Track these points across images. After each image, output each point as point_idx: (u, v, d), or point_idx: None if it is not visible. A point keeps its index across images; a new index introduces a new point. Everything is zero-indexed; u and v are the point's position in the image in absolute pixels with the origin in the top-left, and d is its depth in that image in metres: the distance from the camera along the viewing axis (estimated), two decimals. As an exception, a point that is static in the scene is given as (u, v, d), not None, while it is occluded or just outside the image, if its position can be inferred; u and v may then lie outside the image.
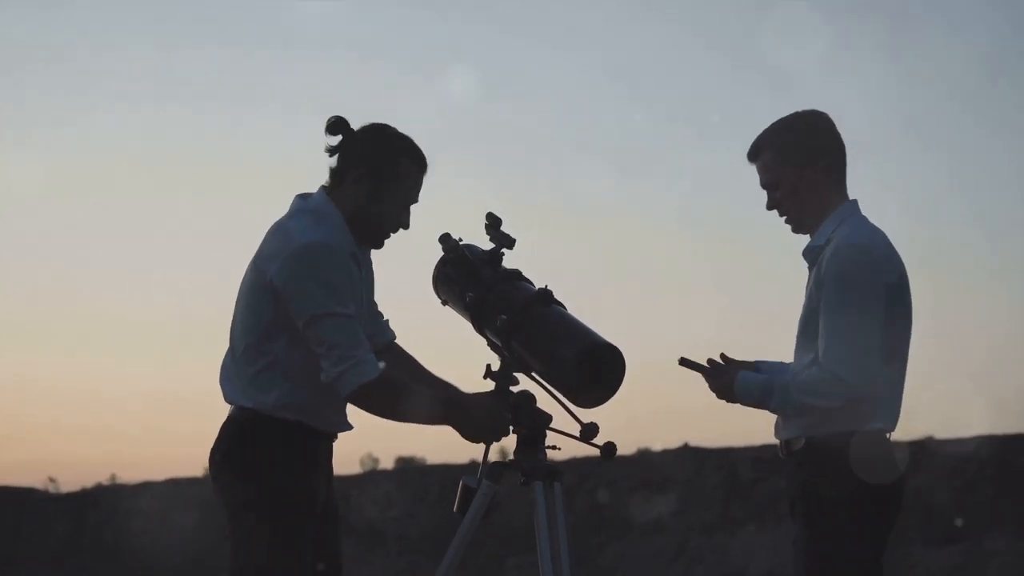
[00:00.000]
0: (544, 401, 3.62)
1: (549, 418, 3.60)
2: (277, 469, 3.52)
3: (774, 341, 3.82)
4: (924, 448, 12.42)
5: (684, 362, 3.67)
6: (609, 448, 3.56)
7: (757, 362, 3.76)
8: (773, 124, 3.68)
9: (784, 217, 3.71)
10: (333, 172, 3.65)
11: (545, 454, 3.60)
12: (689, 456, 14.45)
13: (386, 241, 3.70)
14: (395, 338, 3.92)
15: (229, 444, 3.57)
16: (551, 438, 3.61)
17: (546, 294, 3.61)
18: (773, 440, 3.72)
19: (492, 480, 3.58)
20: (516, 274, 3.69)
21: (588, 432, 3.55)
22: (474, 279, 3.65)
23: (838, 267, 3.49)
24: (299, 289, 3.47)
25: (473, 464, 3.70)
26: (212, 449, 3.59)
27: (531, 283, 3.69)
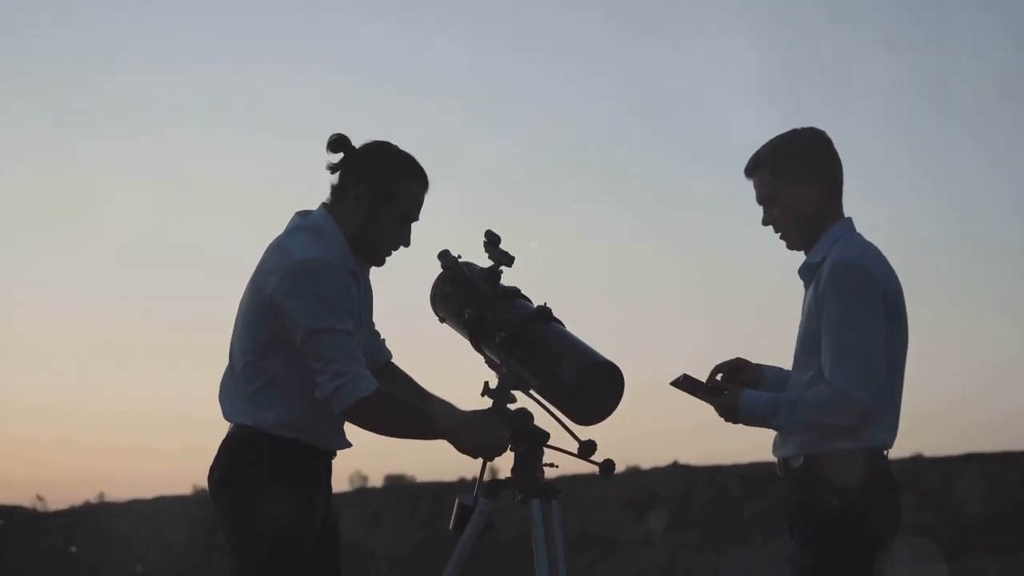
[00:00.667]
0: (542, 418, 3.62)
1: (547, 436, 3.60)
2: (276, 487, 3.51)
3: (765, 358, 3.81)
4: (914, 465, 12.44)
5: (683, 381, 3.63)
6: (608, 465, 3.57)
7: (764, 367, 3.74)
8: (771, 140, 3.68)
9: (779, 234, 3.70)
10: (334, 189, 3.65)
11: (543, 472, 3.60)
12: (679, 474, 14.48)
13: (386, 259, 3.70)
14: (391, 357, 3.91)
15: (228, 462, 3.57)
16: (549, 455, 3.61)
17: (545, 312, 3.61)
18: (762, 458, 3.72)
19: (489, 498, 3.57)
20: (515, 292, 3.69)
21: (586, 449, 3.55)
22: (473, 296, 3.65)
23: (837, 284, 3.49)
24: (297, 304, 3.46)
25: (463, 482, 3.70)
26: (211, 467, 3.58)
27: (530, 301, 3.69)
